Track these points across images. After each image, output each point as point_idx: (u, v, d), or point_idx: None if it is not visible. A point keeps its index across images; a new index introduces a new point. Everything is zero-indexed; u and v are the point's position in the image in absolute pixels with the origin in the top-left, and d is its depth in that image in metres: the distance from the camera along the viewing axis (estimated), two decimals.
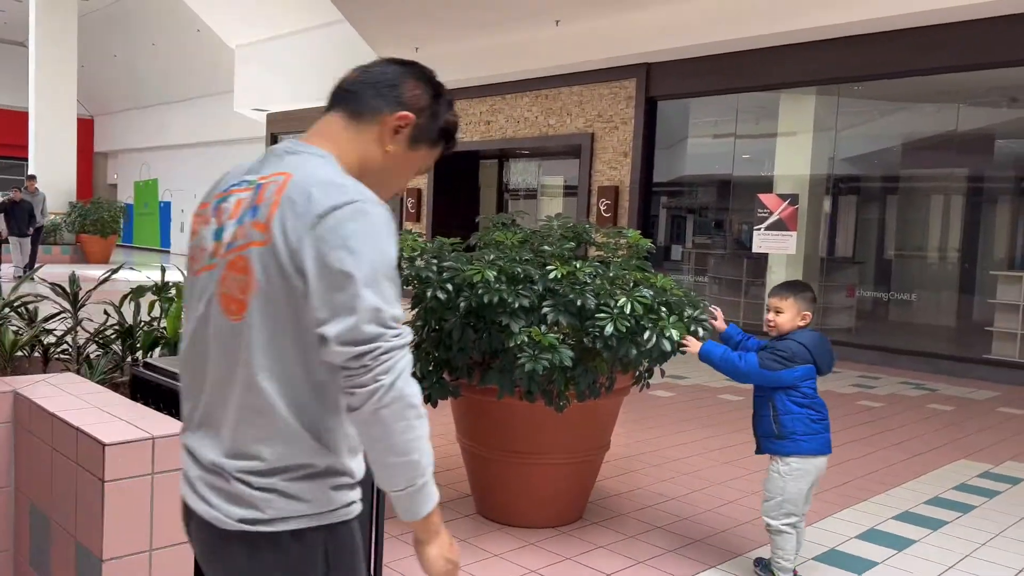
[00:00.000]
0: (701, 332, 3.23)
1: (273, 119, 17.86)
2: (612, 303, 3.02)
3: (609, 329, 2.96)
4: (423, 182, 14.14)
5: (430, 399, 3.23)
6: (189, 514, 1.36)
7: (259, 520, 1.27)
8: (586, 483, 3.63)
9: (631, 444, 5.00)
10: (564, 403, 3.14)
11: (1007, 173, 12.36)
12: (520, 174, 15.96)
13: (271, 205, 1.25)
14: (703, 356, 3.05)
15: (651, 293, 3.09)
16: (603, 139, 11.39)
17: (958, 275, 11.89)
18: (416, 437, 1.25)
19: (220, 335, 1.29)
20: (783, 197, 9.76)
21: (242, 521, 1.27)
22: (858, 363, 8.68)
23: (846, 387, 7.37)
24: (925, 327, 10.98)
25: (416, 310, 3.18)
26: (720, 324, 3.28)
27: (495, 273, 2.97)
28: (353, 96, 1.41)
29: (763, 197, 9.94)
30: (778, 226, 9.75)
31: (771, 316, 3.08)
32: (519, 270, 3.02)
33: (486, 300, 2.92)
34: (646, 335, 3.00)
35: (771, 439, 2.99)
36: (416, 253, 3.12)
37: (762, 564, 3.17)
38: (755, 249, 10.01)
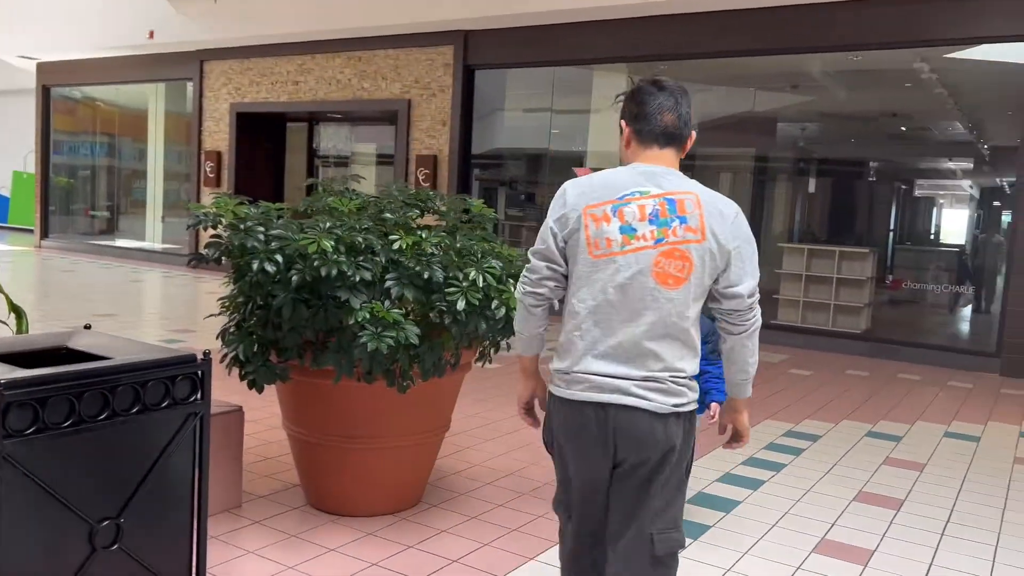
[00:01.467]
0: None
1: (45, 69, 15.79)
2: (462, 276, 2.83)
3: (461, 304, 2.77)
4: (223, 144, 13.13)
5: (255, 384, 2.89)
6: (604, 409, 1.94)
7: (682, 404, 1.98)
8: (426, 465, 3.45)
9: (463, 419, 4.87)
10: (408, 383, 2.93)
11: (788, 154, 13.53)
12: (331, 139, 15.29)
13: (699, 216, 1.94)
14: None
15: (500, 264, 2.94)
16: (421, 106, 11.10)
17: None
18: (757, 348, 2.12)
19: (648, 298, 1.92)
20: (595, 170, 10.01)
21: (675, 406, 1.96)
22: None
23: None
24: None
25: (237, 285, 2.81)
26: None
27: (333, 243, 2.68)
28: (679, 137, 2.07)
29: (578, 171, 10.14)
30: None
31: None
32: (359, 240, 2.75)
33: (323, 273, 2.62)
34: (494, 305, 2.85)
35: None
36: (238, 220, 2.75)
37: None
38: None
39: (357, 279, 2.68)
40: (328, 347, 2.83)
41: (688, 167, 2.01)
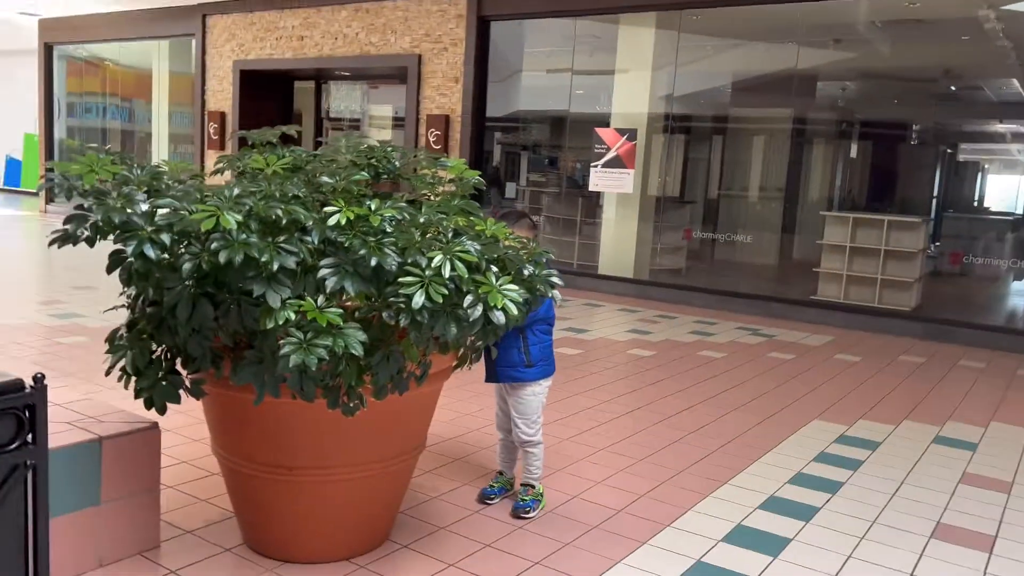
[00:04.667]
0: (552, 294, 2.41)
1: (48, 26, 15.14)
2: (423, 262, 2.09)
3: (419, 299, 2.03)
4: (227, 104, 12.41)
5: (153, 404, 2.18)
6: None
7: None
8: (393, 497, 2.74)
9: (452, 421, 4.16)
10: (356, 403, 2.21)
11: (830, 115, 12.51)
12: (343, 100, 14.54)
13: None
14: None
15: (478, 247, 2.19)
16: (432, 62, 10.27)
17: (790, 216, 11.97)
18: None
19: None
20: (621, 132, 9.15)
21: None
22: (693, 306, 8.34)
23: (685, 335, 6.93)
24: (758, 268, 10.95)
25: (119, 272, 2.09)
26: None
27: (241, 217, 1.95)
28: None
29: (601, 131, 9.29)
30: (615, 163, 9.16)
31: None
32: (279, 213, 2.00)
33: (224, 259, 1.89)
34: (467, 302, 2.11)
35: (519, 368, 3.00)
36: (113, 185, 2.02)
37: (520, 491, 3.12)
38: (592, 187, 9.40)
39: (276, 267, 1.95)
40: (245, 358, 2.11)
41: (721, 129, 1.26)
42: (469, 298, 2.10)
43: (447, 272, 2.06)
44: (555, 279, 2.42)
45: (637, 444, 3.98)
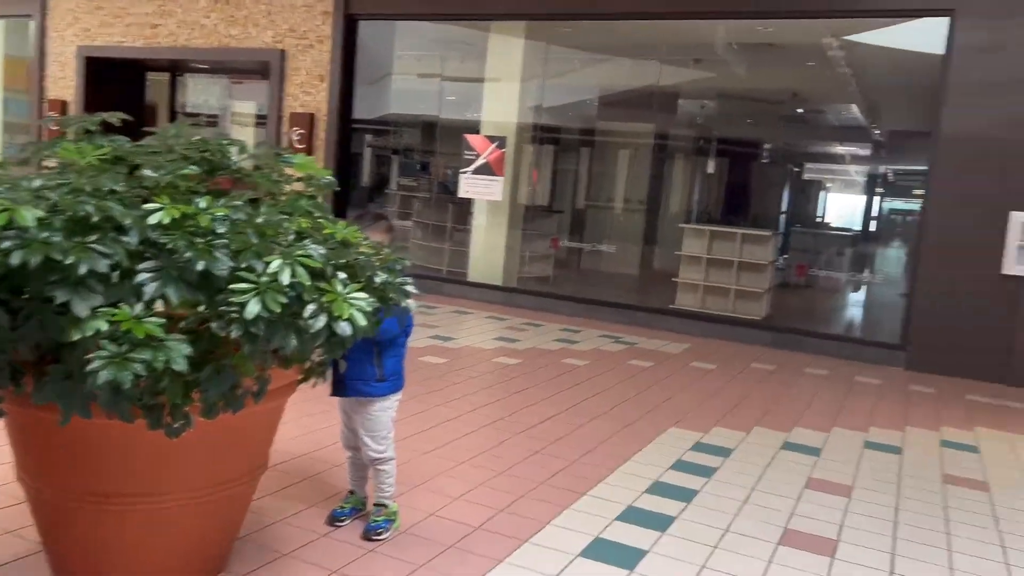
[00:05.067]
0: (405, 304, 2.27)
1: None
2: (259, 267, 1.91)
3: (253, 309, 1.85)
4: (69, 92, 11.48)
5: None
6: None
7: None
8: (230, 523, 2.52)
9: (305, 436, 3.93)
10: (182, 424, 1.99)
11: (688, 132, 13.02)
12: (201, 94, 13.80)
13: None
14: None
15: (323, 251, 2.03)
16: (296, 58, 9.88)
17: (651, 228, 12.34)
18: None
19: None
20: (491, 139, 9.13)
21: None
22: (559, 315, 8.41)
23: (551, 342, 6.95)
24: (621, 278, 11.21)
25: None
26: None
27: (42, 213, 1.70)
28: None
29: (471, 138, 9.23)
30: (485, 170, 9.12)
31: None
32: (90, 209, 1.77)
33: (18, 261, 1.64)
34: (308, 312, 1.94)
35: (371, 382, 2.83)
36: None
37: (372, 511, 2.98)
38: (461, 194, 9.31)
39: (83, 271, 1.71)
40: (50, 373, 1.85)
41: (588, 142, 1.19)
42: (311, 307, 1.93)
43: (286, 279, 1.89)
44: (409, 287, 2.28)
45: (497, 456, 3.90)
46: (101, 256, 1.75)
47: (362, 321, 1.95)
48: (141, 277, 1.82)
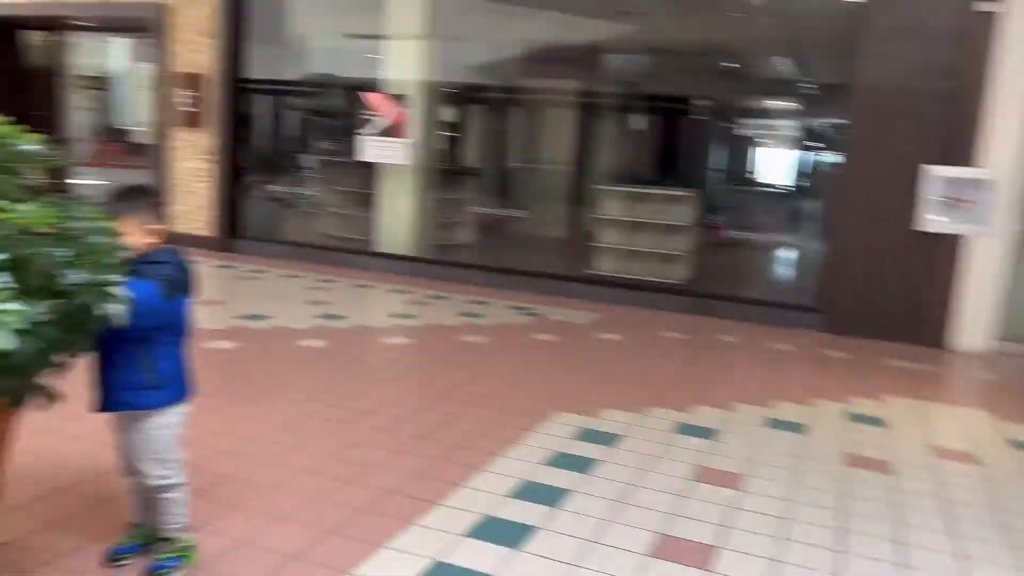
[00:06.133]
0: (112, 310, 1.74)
1: None
2: None
3: None
4: None
5: None
6: None
7: None
8: None
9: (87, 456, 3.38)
10: None
11: (612, 88, 12.52)
12: (91, 55, 12.83)
13: None
14: None
15: None
16: (181, 13, 9.06)
17: (573, 189, 11.87)
18: None
19: None
20: (393, 99, 8.50)
21: None
22: (471, 285, 7.92)
23: (452, 316, 6.47)
24: (539, 243, 10.76)
25: None
26: None
27: None
28: None
29: (369, 96, 8.58)
30: (388, 132, 8.50)
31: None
32: None
33: None
34: None
35: (143, 391, 2.28)
36: None
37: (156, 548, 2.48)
38: (364, 158, 8.68)
39: None
40: None
41: (507, 100, 0.71)
42: None
43: None
44: (118, 290, 1.75)
45: (345, 461, 3.41)
46: None
47: (8, 343, 1.42)
48: None
